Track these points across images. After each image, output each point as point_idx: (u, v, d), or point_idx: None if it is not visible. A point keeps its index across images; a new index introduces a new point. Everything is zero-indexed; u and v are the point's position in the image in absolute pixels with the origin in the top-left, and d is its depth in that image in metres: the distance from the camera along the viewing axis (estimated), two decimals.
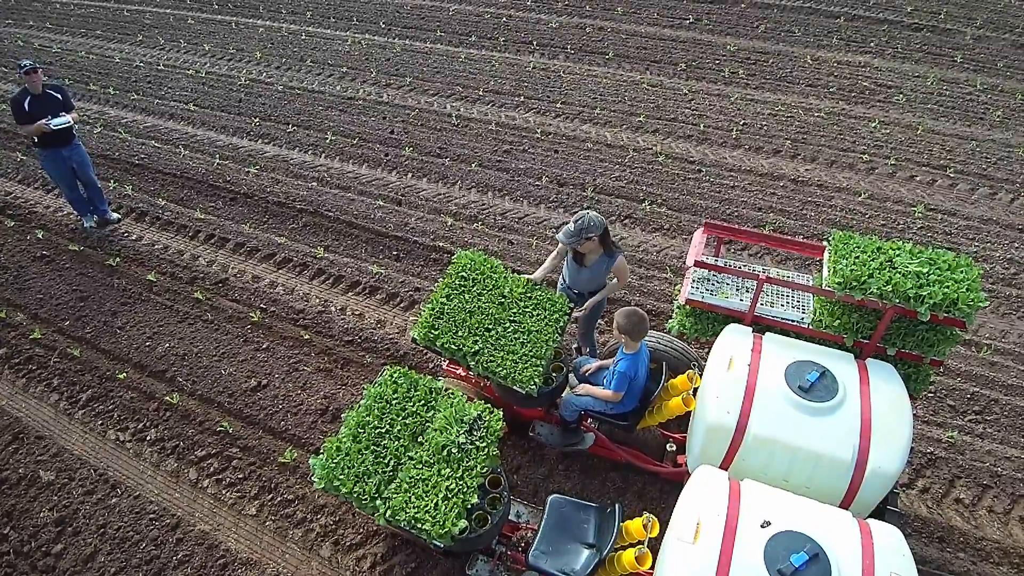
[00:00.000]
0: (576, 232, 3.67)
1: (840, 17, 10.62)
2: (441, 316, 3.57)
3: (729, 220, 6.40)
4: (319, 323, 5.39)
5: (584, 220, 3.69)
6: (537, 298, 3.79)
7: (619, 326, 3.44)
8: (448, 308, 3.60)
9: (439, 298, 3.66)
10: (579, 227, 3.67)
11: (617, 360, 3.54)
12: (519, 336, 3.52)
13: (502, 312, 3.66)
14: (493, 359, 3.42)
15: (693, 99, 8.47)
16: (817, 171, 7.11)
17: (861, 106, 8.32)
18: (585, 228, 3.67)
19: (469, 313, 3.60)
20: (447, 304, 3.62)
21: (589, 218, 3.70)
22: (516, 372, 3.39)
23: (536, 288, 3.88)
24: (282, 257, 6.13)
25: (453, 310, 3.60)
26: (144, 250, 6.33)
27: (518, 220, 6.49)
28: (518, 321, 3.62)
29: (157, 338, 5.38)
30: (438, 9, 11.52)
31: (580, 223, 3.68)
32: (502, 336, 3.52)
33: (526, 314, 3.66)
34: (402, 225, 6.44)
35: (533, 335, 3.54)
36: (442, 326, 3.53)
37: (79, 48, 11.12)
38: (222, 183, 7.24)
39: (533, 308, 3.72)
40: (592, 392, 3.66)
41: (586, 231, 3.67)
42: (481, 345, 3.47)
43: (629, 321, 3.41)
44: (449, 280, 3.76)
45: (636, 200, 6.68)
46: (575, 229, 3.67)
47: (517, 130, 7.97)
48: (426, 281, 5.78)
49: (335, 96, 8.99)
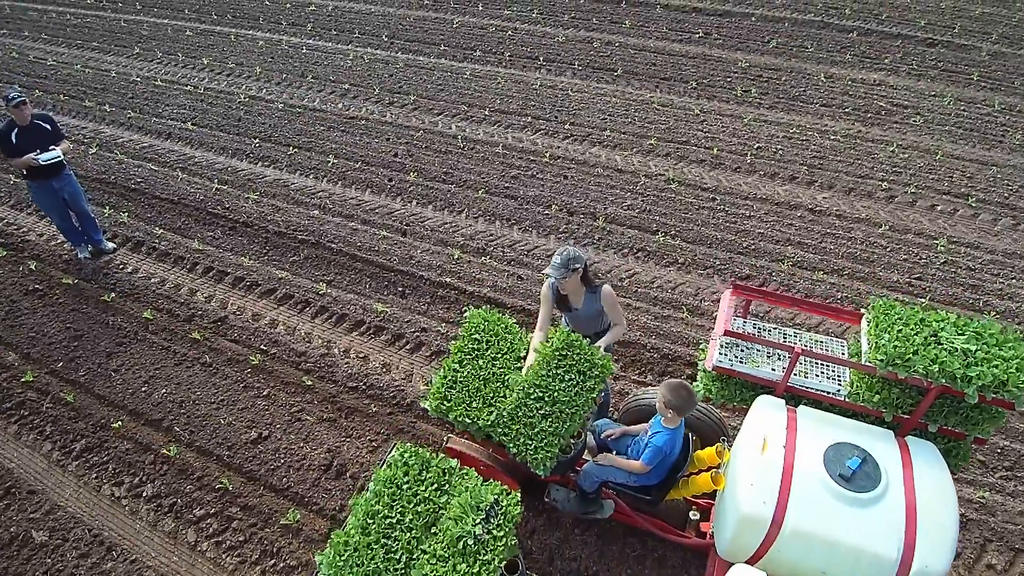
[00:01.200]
0: (563, 264, 3.50)
1: (853, 32, 10.40)
2: (454, 385, 3.36)
3: (746, 253, 6.20)
4: (322, 367, 5.18)
5: (567, 252, 3.55)
6: (573, 358, 3.53)
7: (667, 401, 3.21)
8: (461, 376, 3.39)
9: (451, 365, 3.45)
10: (564, 259, 3.51)
11: (653, 432, 3.32)
12: (542, 406, 3.29)
13: (521, 377, 3.45)
14: (507, 433, 3.21)
15: (705, 120, 8.25)
16: (835, 199, 6.89)
17: (877, 128, 8.11)
18: (571, 259, 3.50)
19: (484, 381, 3.39)
20: (460, 372, 3.41)
21: (571, 250, 3.58)
22: (529, 451, 3.18)
23: (576, 341, 3.62)
24: (283, 293, 5.92)
25: (467, 378, 3.39)
26: (140, 284, 6.11)
27: (527, 252, 6.28)
28: (543, 386, 3.38)
29: (153, 382, 5.18)
30: (442, 22, 11.29)
31: (564, 255, 3.53)
32: (522, 405, 3.30)
33: (555, 377, 3.42)
34: (407, 258, 6.22)
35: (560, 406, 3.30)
36: (455, 397, 3.32)
37: (75, 61, 10.88)
38: (221, 210, 7.02)
39: (566, 370, 3.48)
40: (617, 463, 3.45)
41: (572, 262, 3.50)
42: (496, 416, 3.26)
43: (678, 396, 3.19)
44: (462, 344, 3.55)
45: (649, 231, 6.47)
46: (560, 261, 3.50)
47: (525, 153, 7.76)
48: (433, 320, 5.58)
49: (337, 115, 8.77)
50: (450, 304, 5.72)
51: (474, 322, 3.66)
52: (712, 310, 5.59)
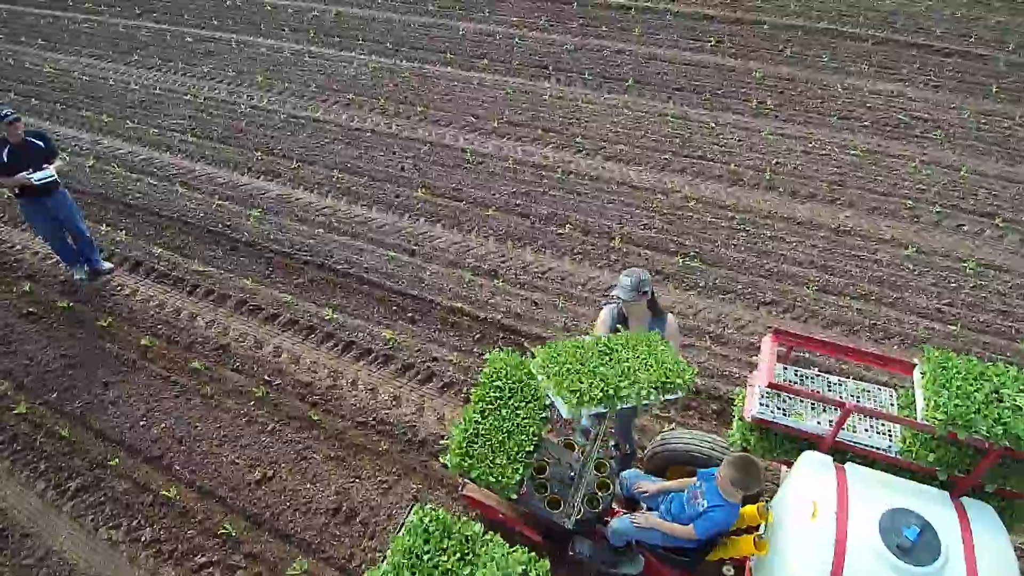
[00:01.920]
0: (634, 286, 3.31)
1: (868, 40, 10.16)
2: (476, 440, 3.13)
3: (768, 276, 5.97)
4: (329, 400, 4.95)
5: (637, 273, 3.37)
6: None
7: (733, 480, 2.93)
8: (483, 429, 3.16)
9: (472, 416, 3.22)
10: (635, 281, 3.31)
11: (711, 504, 3.02)
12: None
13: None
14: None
15: (721, 133, 8.02)
16: (858, 219, 6.67)
17: (898, 142, 7.88)
18: (643, 281, 3.33)
19: (507, 434, 3.16)
20: (482, 423, 3.18)
21: (640, 272, 3.39)
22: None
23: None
24: (287, 318, 5.68)
25: (489, 430, 3.16)
26: (138, 308, 5.88)
27: (541, 275, 6.05)
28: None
29: (152, 416, 4.94)
30: (447, 28, 11.04)
31: (634, 276, 3.34)
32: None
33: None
34: (417, 281, 5.99)
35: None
36: (477, 452, 3.10)
37: (72, 68, 10.63)
38: (222, 228, 6.78)
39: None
40: (661, 527, 3.18)
41: (643, 284, 3.33)
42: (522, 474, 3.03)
43: (746, 475, 2.91)
44: (482, 392, 3.32)
45: (667, 252, 6.24)
46: (632, 283, 3.31)
47: (536, 168, 7.52)
48: (444, 349, 5.34)
49: (341, 127, 8.53)
50: (462, 331, 5.49)
51: (495, 367, 3.43)
52: (736, 338, 5.37)
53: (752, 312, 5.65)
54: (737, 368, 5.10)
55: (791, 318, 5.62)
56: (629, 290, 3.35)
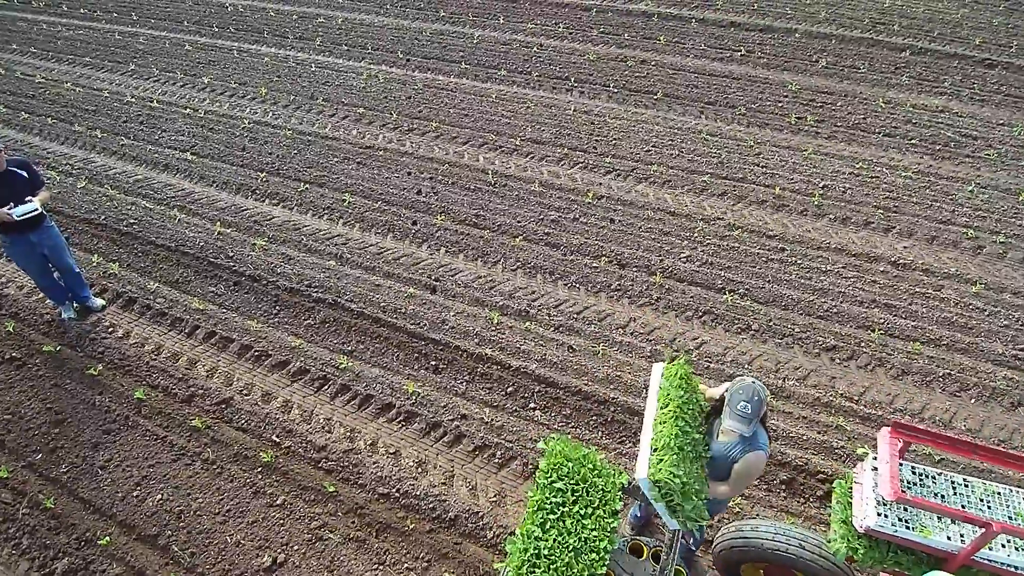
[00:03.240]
0: (755, 411, 2.71)
1: (906, 51, 9.61)
2: (537, 562, 2.58)
3: (827, 317, 5.42)
4: (346, 466, 4.39)
5: (756, 392, 2.75)
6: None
7: None
8: (546, 547, 2.61)
9: (531, 528, 2.67)
10: (757, 405, 2.72)
11: None
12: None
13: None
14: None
15: (760, 152, 7.47)
16: (917, 250, 6.12)
17: (949, 163, 7.33)
18: (763, 400, 2.74)
19: (575, 553, 2.61)
20: (543, 540, 2.63)
21: (757, 387, 2.77)
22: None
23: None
24: (297, 367, 5.13)
25: (552, 549, 2.62)
26: (132, 354, 5.32)
27: (576, 315, 5.50)
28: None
29: (147, 484, 4.39)
30: (460, 36, 10.48)
31: (755, 398, 2.72)
32: None
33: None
34: (439, 323, 5.44)
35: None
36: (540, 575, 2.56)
37: (65, 78, 10.06)
38: (224, 260, 6.22)
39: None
40: None
41: (763, 405, 2.75)
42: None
43: None
44: (541, 496, 2.77)
45: (714, 289, 5.69)
46: (753, 409, 2.70)
47: (564, 191, 6.96)
48: (473, 404, 4.79)
49: (351, 144, 7.97)
50: (493, 383, 4.93)
51: (554, 460, 2.88)
52: (799, 391, 4.81)
53: (813, 360, 5.10)
54: (805, 429, 4.55)
55: (856, 366, 5.07)
56: (750, 417, 2.72)
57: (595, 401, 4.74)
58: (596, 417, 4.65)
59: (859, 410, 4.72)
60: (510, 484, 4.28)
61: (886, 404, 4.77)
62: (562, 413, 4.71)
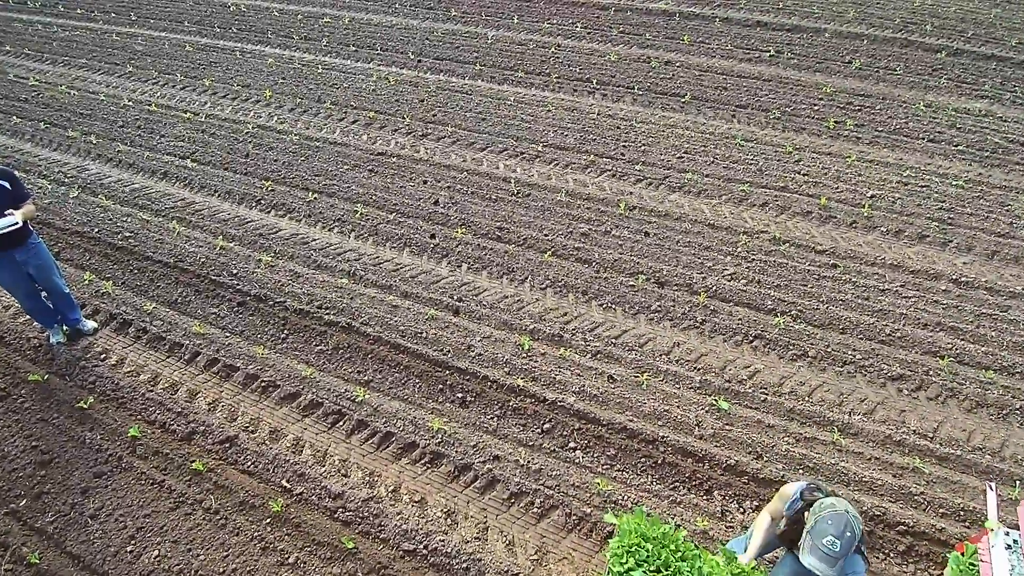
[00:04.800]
0: (845, 550, 2.21)
1: (942, 51, 9.13)
2: None
3: (891, 343, 4.92)
4: (366, 517, 3.90)
5: (851, 527, 2.26)
6: None
7: None
8: None
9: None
10: (848, 541, 2.22)
11: None
12: None
13: None
14: None
15: (801, 159, 6.98)
16: (979, 266, 5.63)
17: (999, 171, 6.85)
18: (856, 536, 2.25)
19: None
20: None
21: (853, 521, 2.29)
22: None
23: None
24: (309, 400, 4.63)
25: None
26: (126, 384, 4.82)
27: (615, 340, 5.00)
28: None
29: (142, 537, 3.89)
30: (474, 36, 10.00)
31: (849, 534, 2.24)
32: None
33: None
34: (464, 349, 4.94)
35: None
36: None
37: (60, 80, 9.59)
38: (226, 277, 5.73)
39: None
40: None
41: (857, 538, 2.25)
42: None
43: None
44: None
45: (764, 310, 5.20)
46: (842, 548, 2.21)
47: (593, 201, 6.48)
48: (507, 444, 4.30)
49: (362, 150, 7.48)
50: (527, 419, 4.44)
51: (628, 540, 2.39)
52: (867, 428, 4.31)
53: (878, 391, 4.61)
54: (879, 472, 4.05)
55: (926, 397, 4.58)
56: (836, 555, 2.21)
57: (642, 440, 4.24)
58: (645, 459, 4.16)
59: (935, 448, 4.22)
60: (552, 538, 3.79)
61: (963, 442, 4.28)
62: (606, 454, 4.22)
